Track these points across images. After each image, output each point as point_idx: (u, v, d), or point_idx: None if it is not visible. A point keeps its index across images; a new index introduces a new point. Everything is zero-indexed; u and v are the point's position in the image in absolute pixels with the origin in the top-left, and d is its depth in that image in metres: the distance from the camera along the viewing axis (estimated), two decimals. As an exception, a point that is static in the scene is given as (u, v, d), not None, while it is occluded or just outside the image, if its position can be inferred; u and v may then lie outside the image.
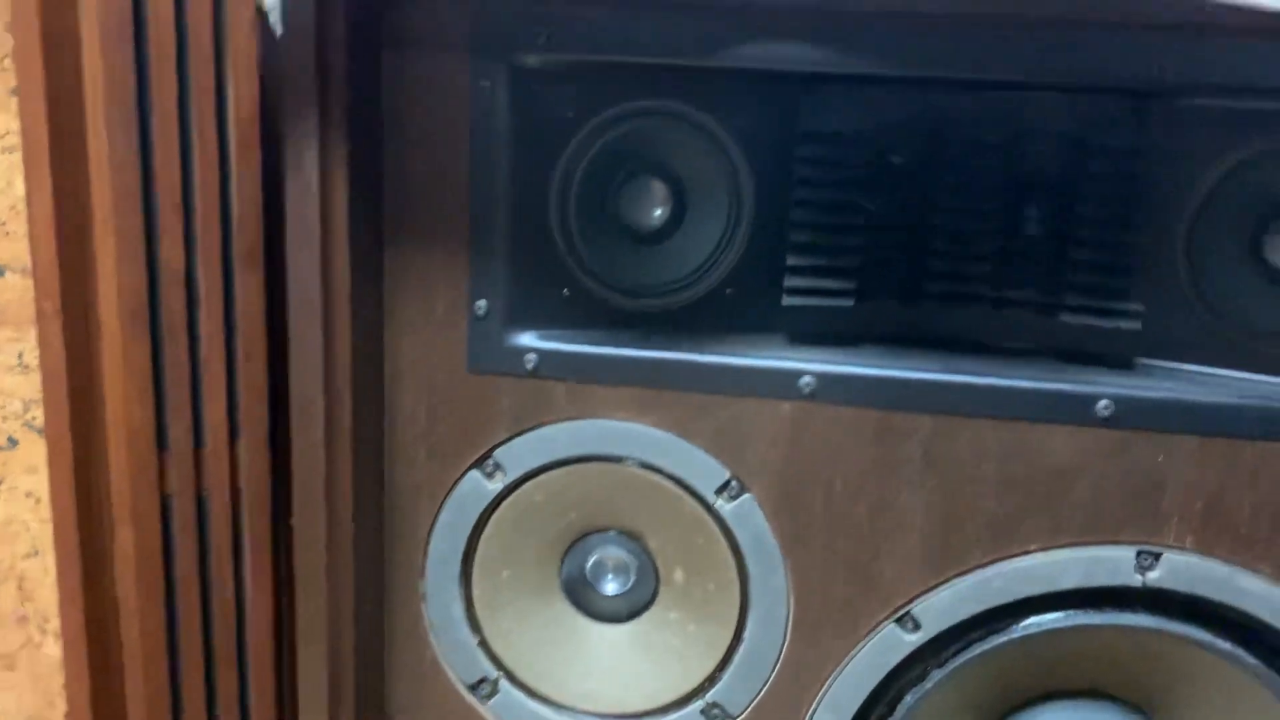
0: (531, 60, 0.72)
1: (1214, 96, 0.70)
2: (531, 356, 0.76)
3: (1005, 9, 0.63)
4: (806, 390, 0.75)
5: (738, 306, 0.79)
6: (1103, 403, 0.72)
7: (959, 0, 0.59)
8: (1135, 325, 0.73)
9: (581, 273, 0.77)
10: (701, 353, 0.76)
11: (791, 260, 0.76)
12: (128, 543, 0.85)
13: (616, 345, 0.77)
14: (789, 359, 0.75)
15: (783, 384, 0.75)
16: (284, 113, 0.68)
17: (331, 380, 0.74)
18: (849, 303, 0.76)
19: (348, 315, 0.72)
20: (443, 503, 0.81)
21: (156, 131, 0.80)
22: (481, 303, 0.76)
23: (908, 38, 0.69)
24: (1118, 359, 0.76)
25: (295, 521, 0.77)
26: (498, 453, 0.79)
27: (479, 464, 0.79)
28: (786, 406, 0.76)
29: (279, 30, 0.70)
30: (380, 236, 0.76)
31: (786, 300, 0.76)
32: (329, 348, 0.73)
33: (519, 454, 0.79)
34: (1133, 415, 0.73)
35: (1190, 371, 0.75)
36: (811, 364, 0.75)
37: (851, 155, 0.74)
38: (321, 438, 0.73)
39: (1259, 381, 0.74)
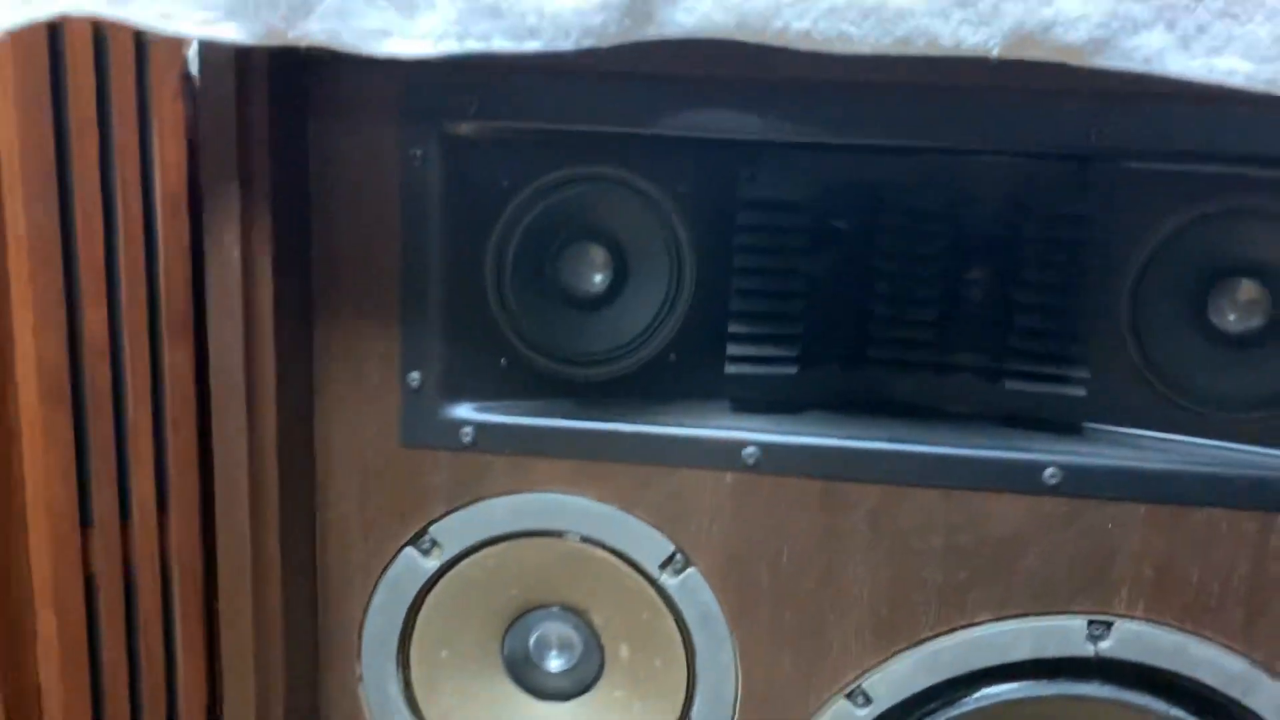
0: (463, 128, 0.70)
1: (1153, 161, 0.70)
2: (468, 430, 0.74)
3: (942, 78, 0.62)
4: (750, 461, 0.73)
5: (681, 372, 0.78)
6: (1049, 471, 0.71)
7: (895, 69, 0.58)
8: (1080, 392, 0.72)
9: (519, 342, 0.75)
10: (643, 423, 0.74)
11: (734, 328, 0.74)
12: (50, 626, 0.82)
13: (556, 416, 0.75)
14: (732, 429, 0.74)
15: (726, 454, 0.73)
16: (203, 184, 0.66)
17: (257, 458, 0.71)
18: (792, 370, 0.75)
19: (273, 391, 0.70)
20: (378, 581, 0.78)
21: (78, 200, 0.77)
22: (415, 375, 0.74)
23: (847, 105, 0.68)
24: (1064, 424, 0.75)
25: (221, 605, 0.74)
26: (434, 529, 0.76)
27: (414, 541, 0.77)
28: (730, 477, 0.74)
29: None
30: (309, 307, 0.74)
31: (729, 368, 0.74)
32: (254, 425, 0.70)
33: (456, 530, 0.76)
34: (1080, 483, 0.71)
35: (1137, 436, 0.74)
36: (755, 434, 0.73)
37: (793, 222, 0.73)
38: (247, 519, 0.71)
39: (1205, 446, 0.73)
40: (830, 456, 0.73)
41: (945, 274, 0.74)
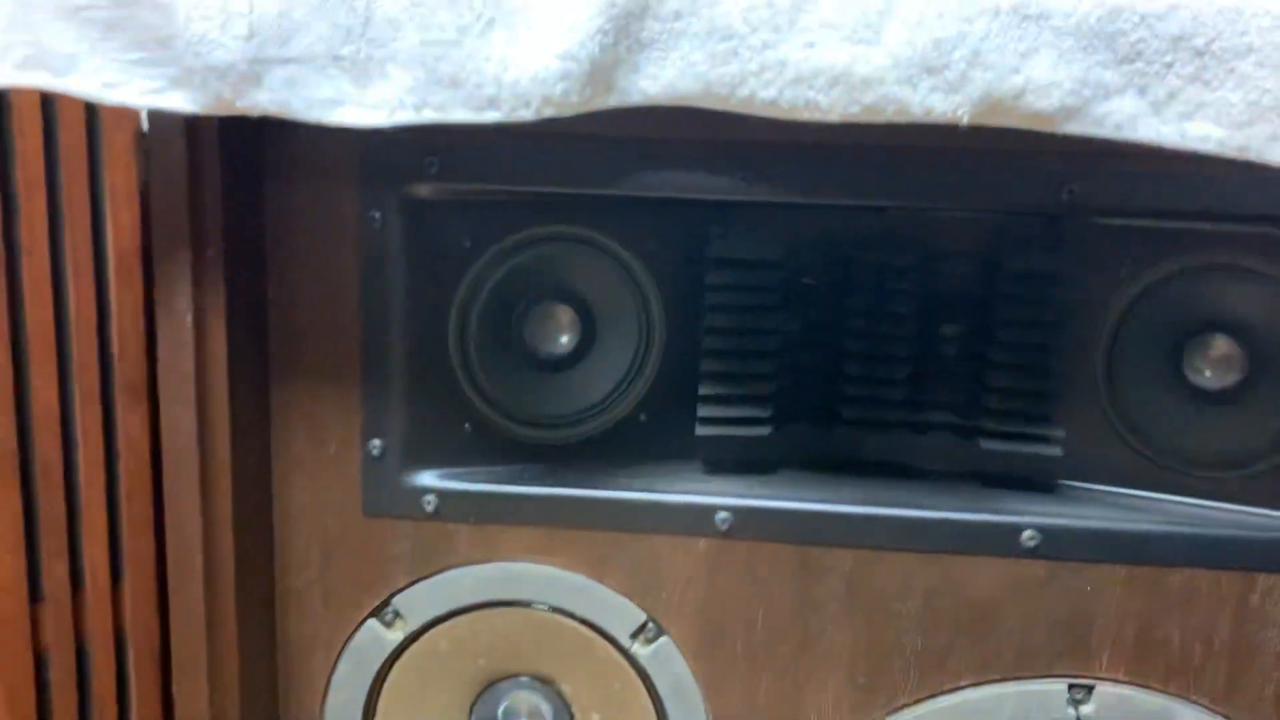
0: (423, 190, 0.69)
1: (1126, 217, 0.69)
2: (431, 498, 0.72)
3: (913, 139, 0.61)
4: (723, 526, 0.71)
5: (651, 433, 0.76)
6: (1027, 533, 0.70)
7: (866, 130, 0.57)
8: (1056, 451, 0.71)
9: (484, 405, 0.73)
10: (613, 488, 0.72)
11: (704, 389, 0.73)
12: (-3, 705, 0.78)
13: (522, 483, 0.72)
14: (704, 493, 0.72)
15: (698, 520, 0.71)
16: (154, 249, 0.64)
17: (212, 529, 0.69)
18: (765, 430, 0.73)
19: (228, 459, 0.67)
20: (340, 654, 0.75)
21: (25, 264, 0.74)
22: (376, 442, 0.72)
23: (817, 165, 0.66)
24: (1041, 483, 0.73)
25: (175, 683, 0.71)
26: (397, 600, 0.74)
27: (377, 612, 0.74)
28: (703, 543, 0.72)
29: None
30: (266, 373, 0.71)
31: (700, 430, 0.73)
32: (207, 495, 0.68)
33: (420, 601, 0.74)
34: (1058, 545, 0.70)
35: (1116, 495, 0.73)
36: (728, 498, 0.71)
37: (763, 280, 0.72)
38: (201, 592, 0.68)
39: (1183, 504, 0.72)
40: (805, 520, 0.71)
41: (918, 332, 0.73)
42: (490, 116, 0.53)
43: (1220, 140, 0.53)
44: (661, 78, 0.53)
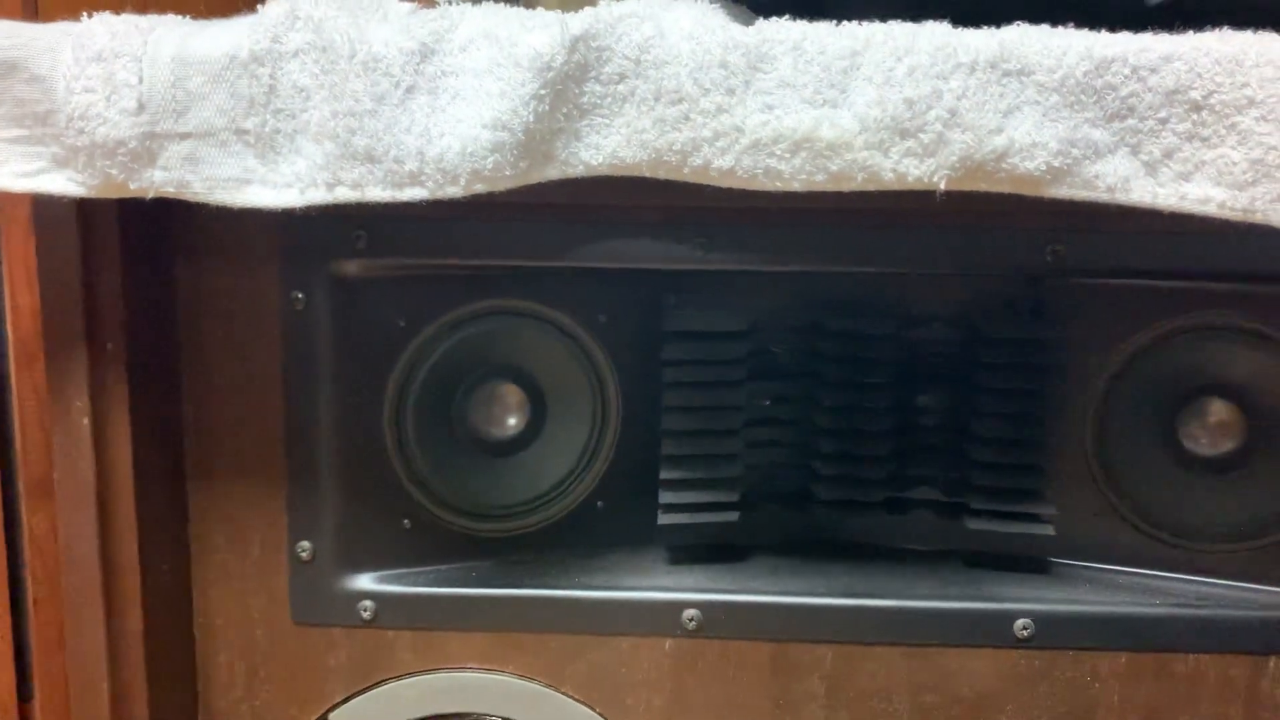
0: (350, 266, 0.62)
1: (1113, 278, 0.64)
2: (367, 604, 0.65)
3: (886, 203, 0.55)
4: (691, 625, 0.65)
5: (610, 522, 0.70)
6: (1020, 622, 0.64)
7: (828, 195, 0.51)
8: (1048, 530, 0.66)
9: (425, 498, 0.67)
10: (568, 586, 0.66)
11: (665, 473, 0.67)
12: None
13: (468, 583, 0.66)
14: (669, 589, 0.66)
15: (664, 620, 0.65)
16: (46, 348, 0.57)
17: (118, 647, 0.62)
18: (733, 516, 0.67)
19: (137, 570, 0.60)
20: (272, 777, 0.68)
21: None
22: (304, 544, 0.65)
23: (781, 231, 0.61)
24: (1032, 564, 0.68)
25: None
26: (334, 716, 0.67)
27: (313, 730, 0.67)
28: (669, 644, 0.66)
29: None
30: (181, 473, 0.65)
31: (663, 519, 0.67)
32: (113, 610, 0.61)
33: (359, 716, 0.67)
34: (1054, 634, 0.65)
35: (1113, 575, 0.68)
36: (695, 593, 0.65)
37: (725, 353, 0.66)
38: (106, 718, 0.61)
39: (1185, 582, 0.67)
40: (780, 615, 0.65)
41: (896, 404, 0.67)
42: (413, 194, 0.47)
43: (1222, 202, 0.48)
44: (605, 147, 0.47)
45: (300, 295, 0.63)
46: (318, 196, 0.48)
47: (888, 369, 0.66)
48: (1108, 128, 0.47)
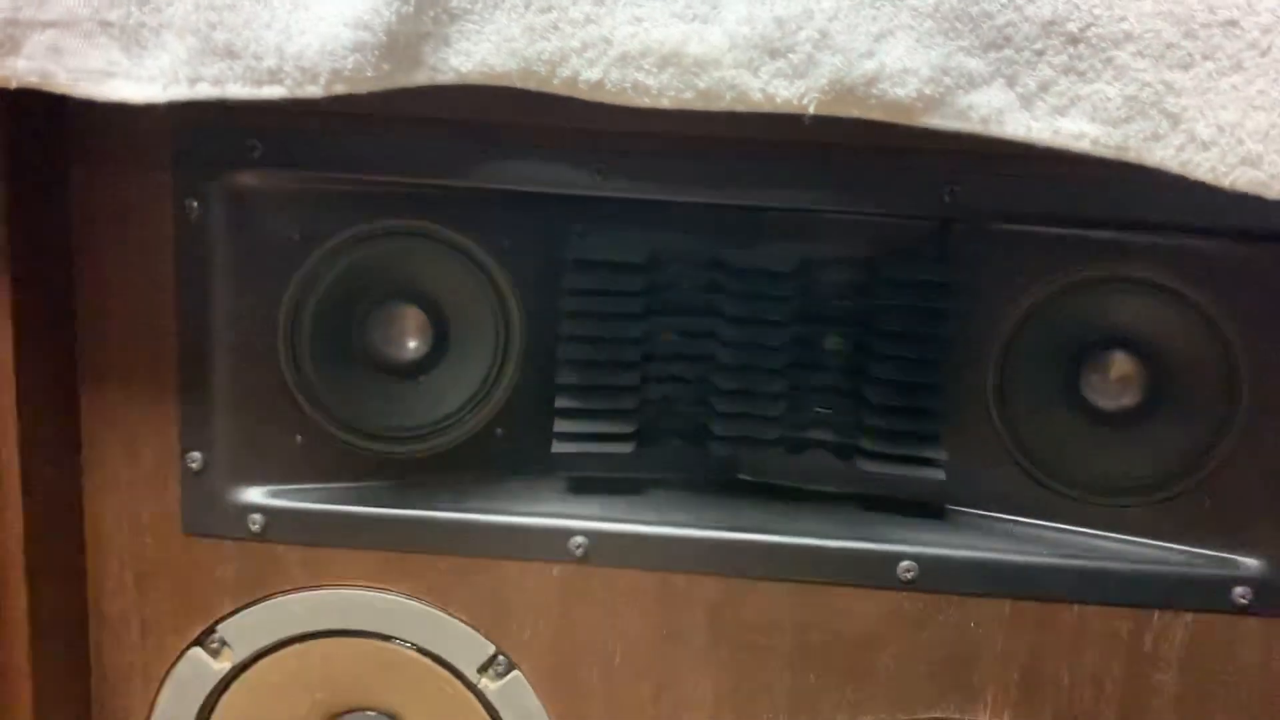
0: (245, 177, 0.62)
1: (1016, 223, 0.63)
2: (257, 517, 0.65)
3: (782, 133, 0.55)
4: (578, 552, 0.65)
5: (508, 450, 0.70)
6: (905, 564, 0.64)
7: (730, 121, 0.51)
8: (939, 475, 0.65)
9: (319, 415, 0.67)
10: (459, 509, 0.66)
11: (561, 402, 0.66)
12: None
13: (360, 502, 0.66)
14: (558, 516, 0.66)
15: (552, 544, 0.65)
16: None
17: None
18: (628, 448, 0.67)
19: (16, 475, 0.60)
20: (160, 685, 0.68)
21: None
22: (195, 455, 0.65)
23: (681, 160, 0.60)
24: (924, 508, 0.68)
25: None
26: (222, 628, 0.67)
27: (201, 640, 0.68)
28: (557, 570, 0.66)
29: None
30: (72, 379, 0.64)
31: (557, 447, 0.66)
32: (-4, 514, 0.61)
33: (247, 629, 0.67)
34: (938, 577, 0.65)
35: (1004, 523, 0.68)
36: (584, 521, 0.65)
37: (624, 285, 0.65)
38: (-16, 626, 0.61)
39: (1077, 534, 0.67)
40: (666, 546, 0.65)
41: (795, 342, 0.67)
42: (271, 92, 0.46)
43: (1096, 138, 0.47)
44: (475, 54, 0.47)
45: (195, 204, 0.62)
46: (179, 92, 0.47)
47: (788, 306, 0.66)
48: (984, 57, 0.46)
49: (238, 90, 0.46)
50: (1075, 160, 0.51)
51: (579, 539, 0.65)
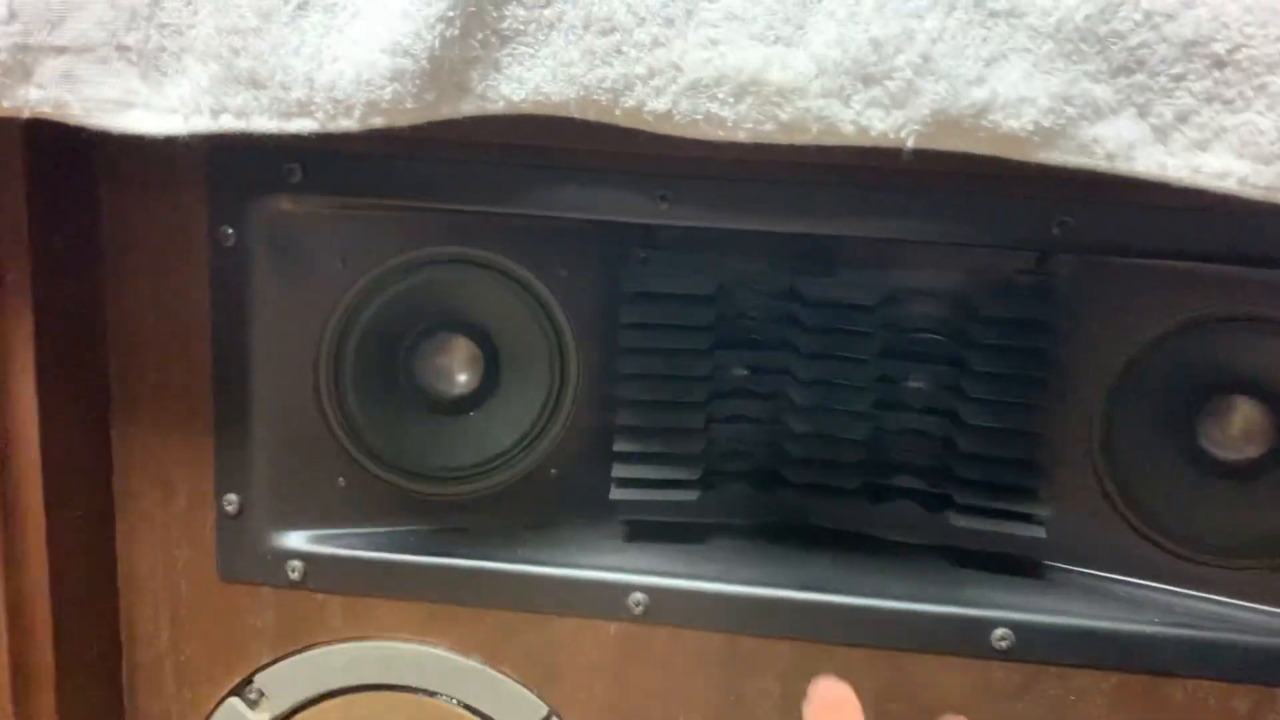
0: (285, 202, 0.58)
1: (1130, 257, 0.57)
2: (296, 564, 0.61)
3: (868, 160, 0.49)
4: (638, 610, 0.60)
5: (564, 492, 0.65)
6: (999, 631, 0.58)
7: (805, 150, 0.45)
8: (1039, 533, 0.59)
9: (362, 455, 0.62)
10: (510, 559, 0.61)
11: (620, 445, 0.61)
12: None
13: (405, 549, 0.62)
14: (617, 569, 0.61)
15: (609, 601, 0.60)
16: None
17: (20, 598, 0.58)
18: (693, 495, 0.62)
19: (41, 523, 0.57)
20: (197, 735, 0.65)
21: None
22: (232, 497, 0.61)
23: (758, 187, 0.55)
24: (1021, 565, 0.61)
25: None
26: (260, 678, 0.63)
27: (239, 691, 0.64)
28: (614, 628, 0.61)
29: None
30: (105, 414, 0.61)
31: (615, 493, 0.61)
32: (13, 557, 0.58)
33: (286, 680, 0.63)
34: (1036, 647, 0.58)
35: (1109, 584, 0.61)
36: (645, 576, 0.60)
37: (690, 319, 0.60)
38: (7, 681, 0.58)
39: (1190, 599, 0.60)
40: (735, 606, 0.60)
41: (879, 382, 0.61)
42: (301, 126, 0.41)
43: (1244, 177, 0.40)
44: (529, 80, 0.42)
45: (230, 230, 0.58)
46: (202, 124, 0.43)
47: (871, 342, 0.60)
48: (1112, 83, 0.40)
49: (264, 124, 0.42)
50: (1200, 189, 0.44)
51: (639, 595, 0.60)
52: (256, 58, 0.40)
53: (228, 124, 0.42)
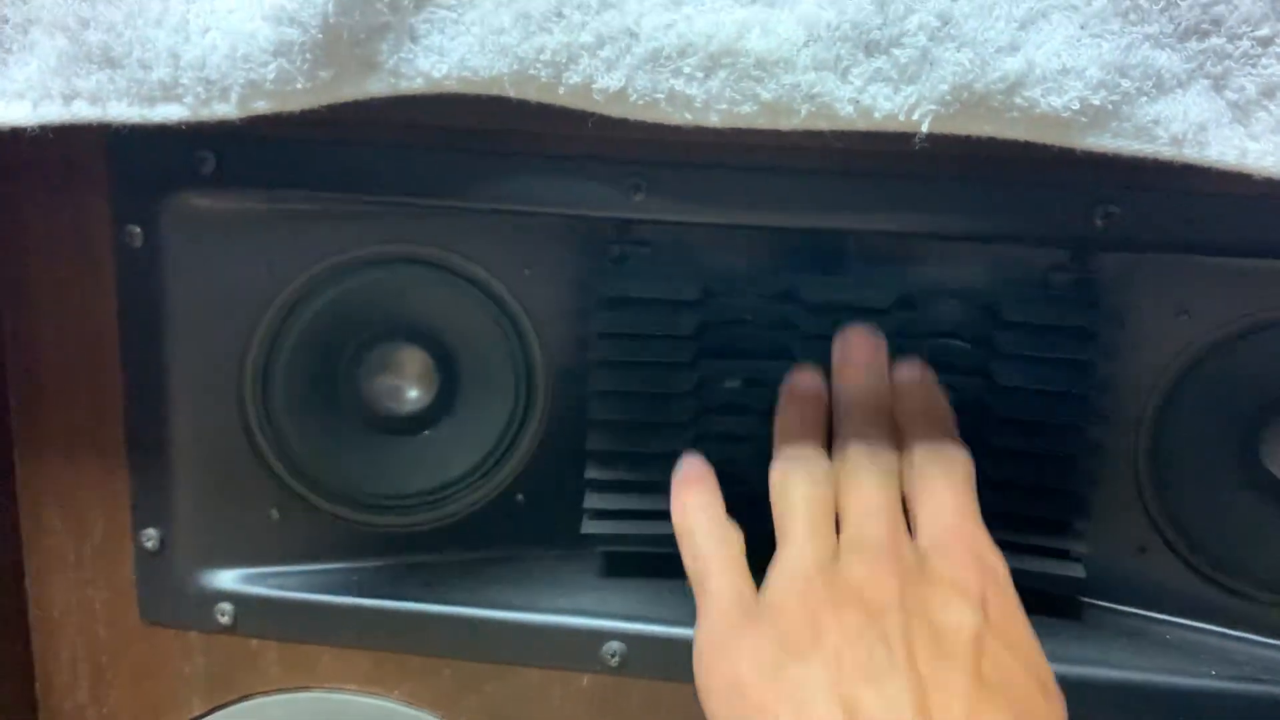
0: (198, 198, 0.50)
1: (1182, 252, 0.48)
2: (226, 606, 0.54)
3: (875, 143, 0.40)
4: (614, 661, 0.52)
5: (532, 521, 0.57)
6: (1030, 687, 0.50)
7: (797, 132, 0.36)
8: (1078, 572, 0.51)
9: (299, 484, 0.55)
10: (470, 602, 0.54)
11: (591, 473, 0.53)
12: None
13: (347, 590, 0.54)
14: (591, 614, 0.53)
15: (582, 651, 0.53)
16: None
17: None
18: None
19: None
20: (124, 794, 0.58)
21: None
22: (151, 532, 0.54)
23: (745, 175, 0.46)
24: (1057, 605, 0.54)
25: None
26: (192, 732, 0.56)
27: (168, 745, 0.57)
28: (586, 680, 0.53)
29: None
30: (7, 441, 0.53)
31: (588, 526, 0.54)
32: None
33: (220, 735, 0.56)
34: (1073, 703, 0.50)
35: (1159, 628, 0.53)
36: (621, 622, 0.53)
37: (670, 327, 0.52)
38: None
39: (1248, 643, 0.52)
40: (723, 655, 0.52)
41: (889, 398, 0.53)
42: (167, 113, 0.33)
43: (1349, 166, 0.32)
44: (452, 52, 0.33)
45: (137, 229, 0.50)
46: (53, 113, 0.35)
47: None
48: (1179, 49, 0.31)
49: (122, 110, 0.34)
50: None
51: (614, 644, 0.52)
52: (109, 30, 0.32)
53: (81, 112, 0.35)
